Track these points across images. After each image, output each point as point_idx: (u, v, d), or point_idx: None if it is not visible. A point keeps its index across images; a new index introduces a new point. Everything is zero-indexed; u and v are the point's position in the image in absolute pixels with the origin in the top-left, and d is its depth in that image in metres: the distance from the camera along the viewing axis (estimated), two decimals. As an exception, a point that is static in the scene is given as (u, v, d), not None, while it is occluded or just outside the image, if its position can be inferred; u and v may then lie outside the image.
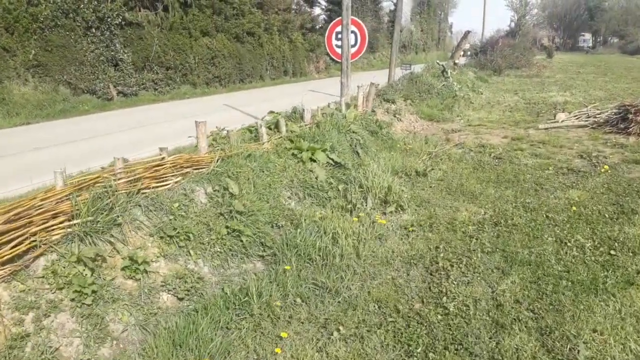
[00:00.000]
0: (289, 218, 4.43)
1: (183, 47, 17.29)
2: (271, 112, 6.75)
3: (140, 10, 16.29)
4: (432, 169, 6.55)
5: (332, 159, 5.52)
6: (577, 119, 9.32)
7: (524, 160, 6.94)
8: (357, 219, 4.47)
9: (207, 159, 4.17)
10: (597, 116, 9.08)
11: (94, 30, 14.30)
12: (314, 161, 5.37)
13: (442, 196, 5.54)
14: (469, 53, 29.16)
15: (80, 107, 12.88)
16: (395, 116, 8.97)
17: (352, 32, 9.36)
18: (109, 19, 14.71)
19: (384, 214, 4.94)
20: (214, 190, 4.05)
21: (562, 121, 9.21)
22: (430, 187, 5.88)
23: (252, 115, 11.82)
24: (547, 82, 17.84)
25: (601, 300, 3.29)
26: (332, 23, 9.60)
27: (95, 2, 14.17)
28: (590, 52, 52.36)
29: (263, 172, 4.69)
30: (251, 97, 16.26)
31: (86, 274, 2.86)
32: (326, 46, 9.58)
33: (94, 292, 2.80)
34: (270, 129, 5.71)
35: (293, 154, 5.32)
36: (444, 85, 12.34)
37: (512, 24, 43.26)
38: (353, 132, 6.74)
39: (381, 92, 9.75)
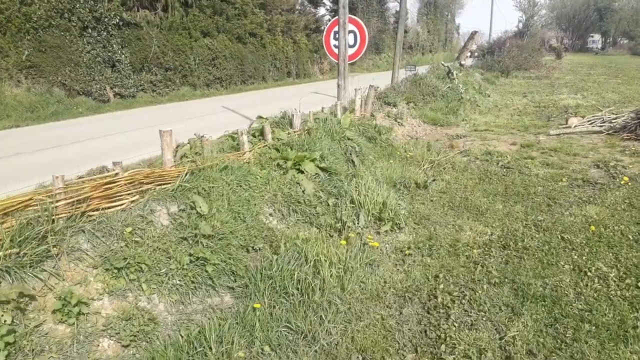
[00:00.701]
0: (268, 240, 3.87)
1: (183, 47, 16.83)
2: (259, 117, 6.20)
3: (138, 11, 15.86)
4: (434, 180, 5.96)
5: (322, 169, 4.95)
6: (591, 124, 8.65)
7: (534, 170, 6.31)
8: (345, 242, 3.90)
9: (173, 173, 3.64)
10: (613, 121, 8.41)
11: (90, 30, 13.88)
12: (302, 172, 4.81)
13: (444, 212, 4.95)
14: (475, 54, 28.43)
15: (74, 110, 12.46)
16: (396, 120, 8.39)
17: (351, 31, 8.79)
18: (106, 19, 14.29)
19: (378, 233, 4.36)
20: (179, 210, 3.51)
21: (575, 126, 8.55)
22: (432, 200, 5.29)
23: (249, 117, 11.30)
24: (557, 84, 17.09)
25: (633, 352, 2.69)
26: (330, 22, 9.03)
27: (92, 2, 13.75)
28: (599, 53, 51.17)
29: (241, 186, 4.14)
30: (251, 99, 15.76)
31: (4, 320, 2.33)
32: (324, 46, 9.00)
33: (8, 344, 2.26)
34: (255, 136, 5.16)
35: (278, 165, 4.77)
36: (449, 87, 11.72)
37: (520, 25, 42.32)
38: (348, 139, 6.17)
39: (382, 95, 9.17)
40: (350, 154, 6.01)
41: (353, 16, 8.52)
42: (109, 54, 14.44)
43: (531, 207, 5.05)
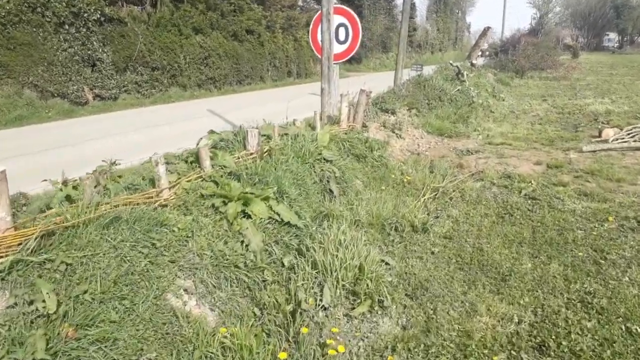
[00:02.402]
0: (170, 342, 2.43)
1: (172, 45, 15.49)
2: (212, 131, 4.76)
3: (123, 6, 14.52)
4: (437, 217, 4.46)
5: (278, 213, 3.48)
6: (631, 136, 7.02)
7: (569, 204, 4.76)
8: (284, 355, 2.41)
9: (9, 241, 2.21)
10: (660, 134, 6.79)
11: (67, 26, 12.58)
12: (248, 217, 3.35)
13: (449, 273, 3.45)
14: (487, 53, 26.56)
15: (43, 114, 11.18)
16: (394, 132, 6.87)
17: (342, 25, 7.29)
18: (85, 14, 12.99)
19: (349, 318, 2.89)
20: (7, 307, 2.09)
21: (612, 140, 6.94)
22: (432, 252, 3.78)
23: (233, 122, 9.91)
24: (579, 86, 15.29)
25: None
26: (318, 13, 7.52)
27: (68, -5, 12.46)
28: (616, 52, 48.60)
29: (140, 247, 2.71)
30: (243, 101, 14.35)
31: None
32: (310, 42, 7.51)
33: None
34: (188, 162, 3.72)
35: (214, 207, 3.31)
36: (458, 90, 10.13)
37: (534, 22, 40.15)
38: (326, 160, 4.69)
39: (379, 100, 7.66)
40: (328, 182, 4.53)
41: (343, 6, 7.01)
42: (89, 52, 13.15)
43: (572, 266, 3.52)
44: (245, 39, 19.00)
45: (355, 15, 7.37)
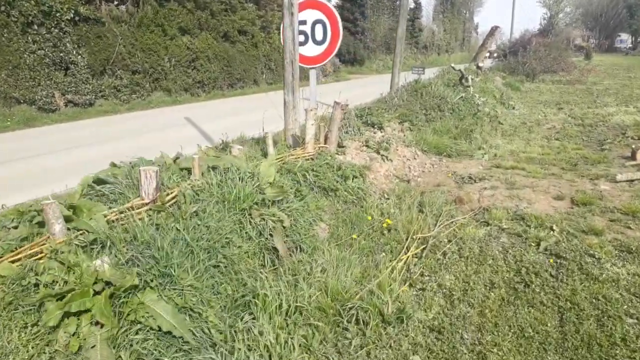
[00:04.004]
0: None
1: (155, 47, 14.27)
2: (113, 165, 3.45)
3: (101, 4, 13.32)
4: (423, 289, 3.11)
5: (153, 316, 2.14)
6: (674, 159, 5.56)
7: (608, 267, 3.35)
8: None
9: None
10: None
11: (36, 27, 11.41)
12: (98, 324, 2.03)
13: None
14: (494, 55, 24.93)
15: (1, 122, 10.01)
16: (379, 152, 5.51)
17: (319, 22, 5.99)
18: (57, 14, 11.82)
19: None
20: None
21: (652, 164, 5.48)
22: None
23: (208, 134, 8.65)
24: (596, 91, 13.69)
25: None
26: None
27: (39, -7, 11.29)
28: (630, 54, 46.36)
29: None
30: (230, 107, 13.07)
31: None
32: (282, 41, 6.18)
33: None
34: (32, 223, 2.41)
35: (42, 310, 2.00)
36: (461, 97, 8.71)
37: (544, 22, 38.24)
38: (268, 204, 3.35)
39: (364, 112, 6.30)
40: (272, 235, 3.19)
41: (317, -2, 5.68)
42: (61, 54, 11.97)
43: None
44: (237, 39, 17.73)
45: (335, 10, 6.02)
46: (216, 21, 16.64)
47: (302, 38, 6.08)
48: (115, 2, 13.78)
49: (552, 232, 3.92)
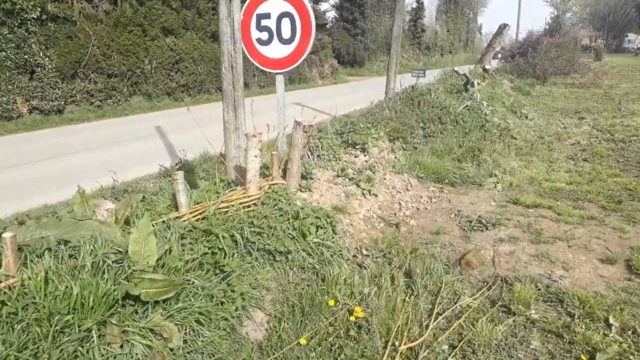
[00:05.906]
0: None
1: (133, 48, 12.94)
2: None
3: (73, 3, 12.00)
4: None
5: None
6: None
7: None
8: None
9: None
10: None
11: (-5, 26, 10.18)
12: None
13: None
14: (499, 56, 23.32)
15: (-56, 133, 8.72)
16: (359, 185, 4.09)
17: (286, 14, 4.60)
18: (21, 12, 10.56)
19: None
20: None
21: None
22: None
23: (176, 147, 7.31)
24: (616, 96, 12.12)
25: None
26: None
27: (-4, -11, 10.01)
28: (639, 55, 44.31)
29: None
30: (207, 114, 11.70)
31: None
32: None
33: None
34: None
35: None
36: (466, 107, 7.26)
37: (550, 21, 36.43)
38: (147, 307, 1.95)
39: (345, 128, 4.89)
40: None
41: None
42: (25, 56, 10.69)
43: None
44: (226, 40, 16.33)
45: (307, 3, 4.61)
46: (203, 21, 15.30)
47: (265, 35, 4.71)
48: (90, 2, 12.47)
49: (610, 327, 2.49)
